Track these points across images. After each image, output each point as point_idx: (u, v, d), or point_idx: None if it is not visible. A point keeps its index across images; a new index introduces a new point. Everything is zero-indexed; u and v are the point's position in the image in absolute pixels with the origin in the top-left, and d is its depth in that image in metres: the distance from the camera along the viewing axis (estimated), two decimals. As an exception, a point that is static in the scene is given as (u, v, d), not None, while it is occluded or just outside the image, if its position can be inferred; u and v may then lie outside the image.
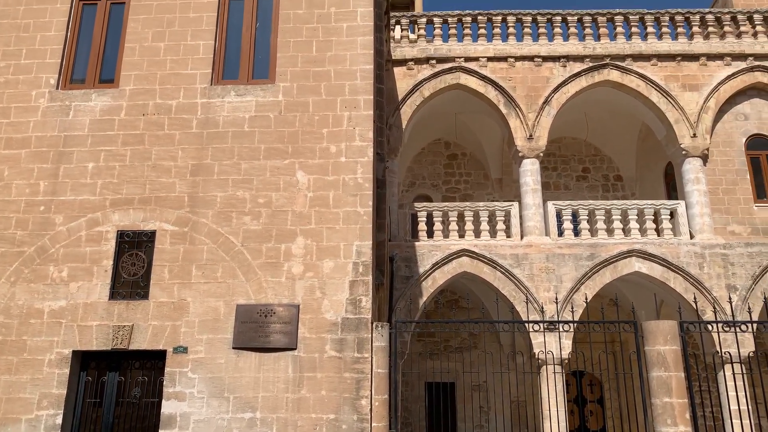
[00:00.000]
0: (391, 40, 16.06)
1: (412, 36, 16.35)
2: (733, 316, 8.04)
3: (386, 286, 12.10)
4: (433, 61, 15.94)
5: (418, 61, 15.97)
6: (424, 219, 15.13)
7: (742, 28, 16.02)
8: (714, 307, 10.82)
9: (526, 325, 9.96)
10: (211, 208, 9.22)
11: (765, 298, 8.37)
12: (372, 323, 8.65)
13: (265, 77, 9.93)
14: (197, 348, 8.63)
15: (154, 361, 8.84)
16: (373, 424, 8.21)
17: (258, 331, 8.69)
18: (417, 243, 14.68)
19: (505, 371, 11.26)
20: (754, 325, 8.35)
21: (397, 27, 16.48)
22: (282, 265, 8.91)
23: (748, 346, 12.23)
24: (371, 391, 8.32)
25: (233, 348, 8.62)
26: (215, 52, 10.08)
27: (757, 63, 15.74)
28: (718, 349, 8.96)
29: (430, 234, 15.09)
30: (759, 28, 16.05)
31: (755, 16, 16.12)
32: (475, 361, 16.69)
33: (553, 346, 11.90)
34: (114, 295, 8.92)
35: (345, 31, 9.99)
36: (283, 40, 10.03)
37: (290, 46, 9.98)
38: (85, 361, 8.91)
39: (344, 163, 9.31)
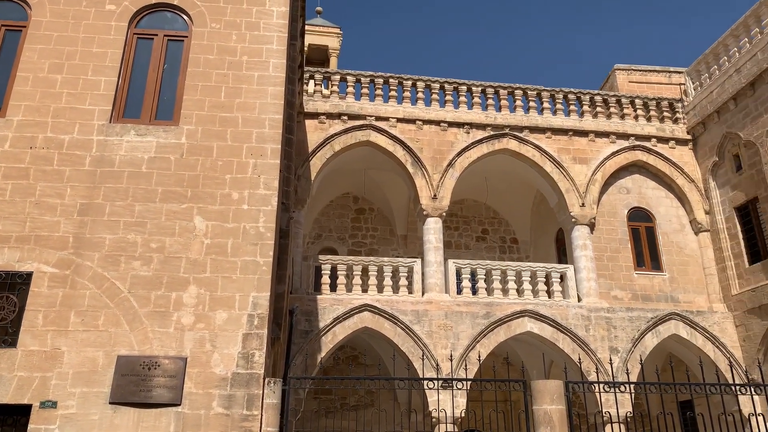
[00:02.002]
0: (305, 93, 16.26)
1: (326, 91, 16.66)
2: (613, 377, 8.46)
3: (283, 340, 11.75)
4: (345, 117, 16.26)
5: (330, 115, 16.24)
6: (328, 272, 15.03)
7: (626, 111, 17.69)
8: (597, 368, 11.38)
9: (422, 382, 9.98)
10: (98, 251, 8.66)
11: (641, 361, 8.91)
12: (264, 379, 8.32)
13: (169, 119, 9.67)
14: (68, 402, 7.88)
15: (16, 416, 7.96)
16: (258, 487, 7.77)
17: (139, 385, 8.09)
18: (319, 296, 14.49)
19: (399, 430, 11.13)
20: (632, 386, 8.81)
21: (311, 81, 16.74)
22: (171, 315, 8.44)
23: (627, 406, 12.91)
24: (259, 451, 7.91)
25: (110, 403, 7.95)
26: (117, 89, 9.72)
27: (638, 143, 17.35)
28: (600, 409, 9.37)
29: (333, 287, 14.97)
30: (639, 111, 17.78)
31: (636, 101, 17.88)
32: (372, 419, 16.41)
33: (447, 404, 11.96)
34: (-25, 341, 8.04)
35: (256, 79, 9.99)
36: (191, 83, 9.86)
37: (198, 89, 9.82)
38: (-69, 417, 7.88)
39: (246, 211, 9.12)
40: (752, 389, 7.98)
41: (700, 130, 17.37)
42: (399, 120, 16.49)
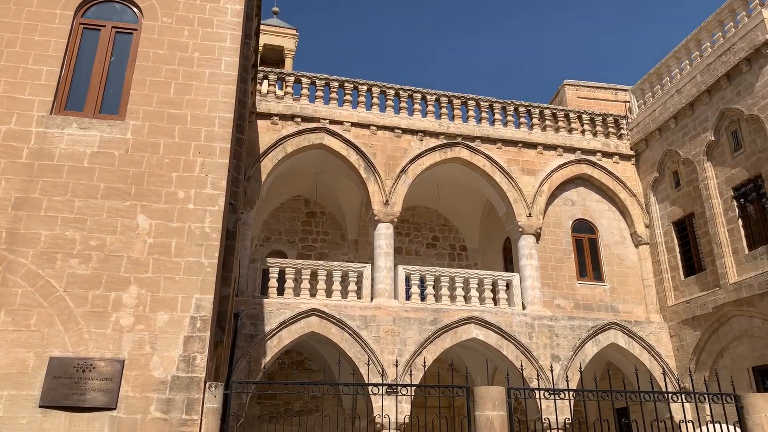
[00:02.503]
0: (258, 93, 16.06)
1: (279, 92, 16.50)
2: (553, 384, 8.65)
3: (227, 344, 11.52)
4: (299, 119, 16.14)
5: (284, 117, 16.08)
6: (276, 275, 14.84)
7: (573, 125, 18.23)
8: (539, 375, 11.63)
9: (367, 388, 9.96)
10: (33, 247, 8.28)
11: (581, 368, 9.16)
12: (206, 383, 8.12)
13: (114, 113, 9.36)
14: (-6, 406, 7.48)
15: (-64, 421, 7.50)
16: (195, 494, 7.57)
17: (72, 388, 7.76)
18: (266, 300, 14.29)
19: (343, 435, 11.07)
20: (571, 393, 9.04)
21: (265, 81, 16.55)
22: (109, 316, 8.15)
23: (566, 412, 13.24)
24: (197, 456, 7.71)
25: (40, 406, 7.59)
26: (60, 80, 9.35)
27: (583, 157, 17.90)
28: (541, 415, 9.57)
29: (281, 291, 14.80)
30: (586, 126, 18.36)
31: (584, 116, 18.45)
32: (316, 425, 16.27)
33: (392, 410, 11.99)
34: None
35: (207, 77, 9.80)
36: (139, 78, 9.58)
37: (146, 84, 9.55)
38: None
39: (192, 211, 8.91)
40: (683, 397, 8.32)
41: (643, 146, 18.07)
42: (353, 124, 16.48)
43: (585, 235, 17.37)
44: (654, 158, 17.61)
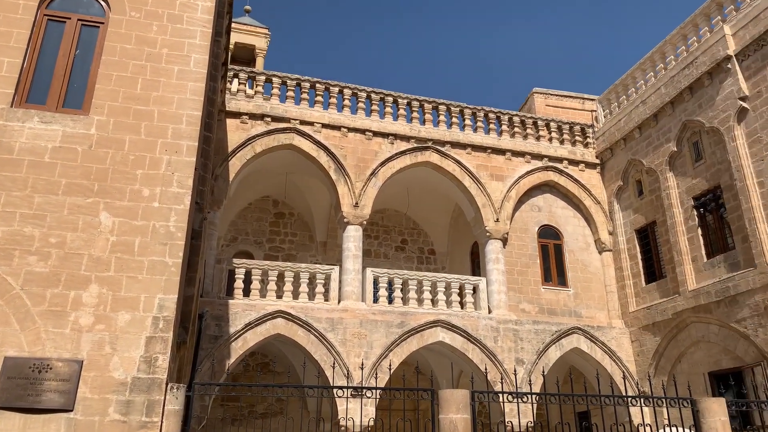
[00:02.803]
0: (228, 92, 15.88)
1: (250, 91, 16.34)
2: (516, 387, 8.76)
3: (191, 345, 11.34)
4: (269, 119, 16.01)
5: (253, 116, 15.93)
6: (243, 276, 14.67)
7: (541, 133, 18.52)
8: (503, 378, 11.75)
9: (332, 391, 9.91)
10: (-11, 244, 8.02)
11: (543, 372, 9.29)
12: (167, 384, 7.98)
13: (78, 107, 9.13)
14: (-56, 408, 7.22)
15: None
16: (154, 498, 7.42)
17: (28, 389, 7.53)
18: (231, 301, 14.12)
19: (307, 438, 11.00)
20: (534, 397, 9.15)
21: (235, 80, 16.38)
22: (68, 315, 7.94)
23: (528, 416, 13.41)
24: (157, 460, 7.56)
25: (-7, 408, 7.36)
26: (22, 72, 9.08)
27: (551, 164, 18.20)
28: (504, 419, 9.67)
29: (247, 292, 14.64)
30: (554, 134, 18.66)
31: (551, 123, 18.76)
32: (280, 427, 16.13)
33: (356, 413, 11.96)
34: None
35: (176, 74, 9.65)
36: (105, 72, 9.38)
37: (112, 79, 9.35)
38: None
39: (157, 209, 8.75)
40: (642, 401, 8.51)
41: (608, 155, 18.45)
42: (324, 125, 16.42)
43: (551, 241, 17.65)
44: (618, 167, 18.00)
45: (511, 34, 59.80)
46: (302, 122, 16.23)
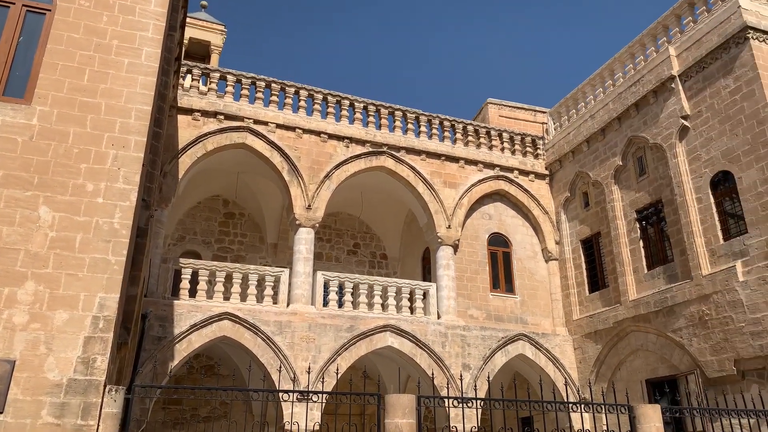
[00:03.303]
0: (180, 88, 15.52)
1: (203, 87, 16.02)
2: (462, 392, 8.85)
3: (132, 346, 10.98)
4: (221, 117, 15.73)
5: (206, 113, 15.63)
6: (189, 277, 14.33)
7: (494, 142, 18.86)
8: (449, 383, 11.86)
9: (278, 394, 9.78)
10: None
11: (489, 378, 9.42)
12: (105, 386, 7.70)
13: (20, 96, 8.73)
14: None
15: None
16: (87, 505, 7.13)
17: (-47, 391, 7.14)
18: (177, 302, 13.76)
19: (251, 443, 10.81)
20: (479, 402, 9.27)
21: (189, 76, 16.03)
22: (1, 313, 7.56)
23: (473, 420, 13.57)
24: (92, 465, 7.27)
25: None
26: (-41, 56, 8.64)
27: (502, 173, 18.55)
28: (449, 424, 9.76)
29: (193, 293, 14.30)
30: (506, 144, 19.04)
31: (504, 134, 19.13)
32: (223, 431, 15.80)
33: (302, 417, 11.84)
34: None
35: (126, 66, 9.36)
36: (50, 61, 9.01)
37: (58, 69, 8.99)
38: None
39: (101, 205, 8.45)
40: (582, 407, 8.74)
41: (557, 167, 18.95)
42: (278, 126, 16.25)
43: (500, 249, 17.97)
44: (566, 178, 18.51)
45: (469, 42, 60.77)
46: (256, 121, 16.01)
